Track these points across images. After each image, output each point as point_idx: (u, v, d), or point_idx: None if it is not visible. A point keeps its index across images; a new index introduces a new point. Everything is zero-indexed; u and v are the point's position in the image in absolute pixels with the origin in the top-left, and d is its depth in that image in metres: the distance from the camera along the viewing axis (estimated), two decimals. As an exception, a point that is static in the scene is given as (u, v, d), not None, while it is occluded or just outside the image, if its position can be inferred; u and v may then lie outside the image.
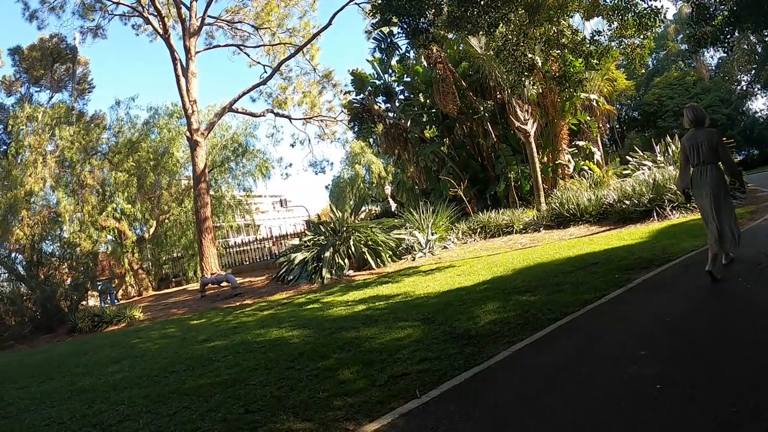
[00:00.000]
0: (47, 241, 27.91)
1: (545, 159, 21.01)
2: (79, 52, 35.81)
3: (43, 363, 12.31)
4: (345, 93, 30.38)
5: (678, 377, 4.17)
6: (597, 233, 14.24)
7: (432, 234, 17.79)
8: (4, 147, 33.06)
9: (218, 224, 32.10)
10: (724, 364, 4.28)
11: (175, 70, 25.36)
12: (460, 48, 22.46)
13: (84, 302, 23.17)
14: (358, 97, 26.95)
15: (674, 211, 14.12)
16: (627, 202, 15.12)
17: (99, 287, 26.59)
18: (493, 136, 22.07)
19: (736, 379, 3.93)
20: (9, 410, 7.56)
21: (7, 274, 25.30)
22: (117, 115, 33.67)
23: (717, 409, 3.47)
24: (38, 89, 37.06)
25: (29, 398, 8.12)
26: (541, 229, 16.91)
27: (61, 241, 27.54)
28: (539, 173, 18.54)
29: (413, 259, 16.88)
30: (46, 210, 28.52)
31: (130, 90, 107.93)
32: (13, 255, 26.71)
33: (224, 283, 20.65)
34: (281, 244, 30.24)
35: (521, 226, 17.54)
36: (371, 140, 29.77)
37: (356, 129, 28.42)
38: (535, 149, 18.59)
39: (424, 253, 17.13)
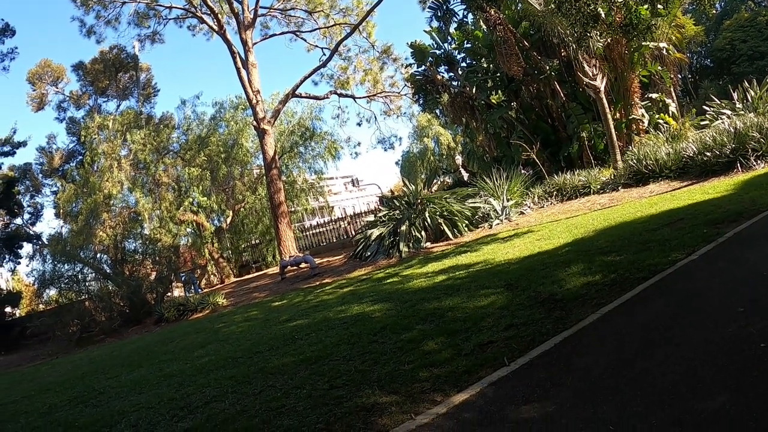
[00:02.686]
0: (129, 240, 28.90)
1: (617, 115, 20.27)
2: (140, 59, 36.99)
3: (132, 353, 12.83)
4: (406, 67, 30.11)
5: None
6: (678, 189, 13.60)
7: (507, 200, 17.49)
8: (80, 157, 34.52)
9: (292, 208, 32.50)
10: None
11: (235, 63, 25.67)
12: (518, 8, 21.86)
13: (169, 293, 24.07)
14: (419, 70, 26.63)
15: (759, 161, 13.28)
16: (708, 155, 14.32)
17: (182, 278, 27.46)
18: (562, 95, 21.48)
19: None
20: (100, 398, 7.91)
21: (94, 274, 26.47)
22: (184, 113, 34.44)
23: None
24: (105, 99, 38.74)
25: (119, 386, 8.49)
26: (620, 187, 16.33)
27: (142, 238, 28.47)
28: (613, 130, 17.90)
29: (490, 227, 16.66)
30: (126, 210, 29.45)
31: (193, 89, 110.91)
32: (98, 256, 27.91)
33: (303, 264, 20.95)
34: (356, 222, 30.49)
35: (598, 186, 17.00)
36: (437, 111, 29.48)
37: (421, 101, 28.17)
38: (606, 105, 17.95)
39: (501, 220, 16.88)
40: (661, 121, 20.42)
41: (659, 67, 21.08)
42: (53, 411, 7.97)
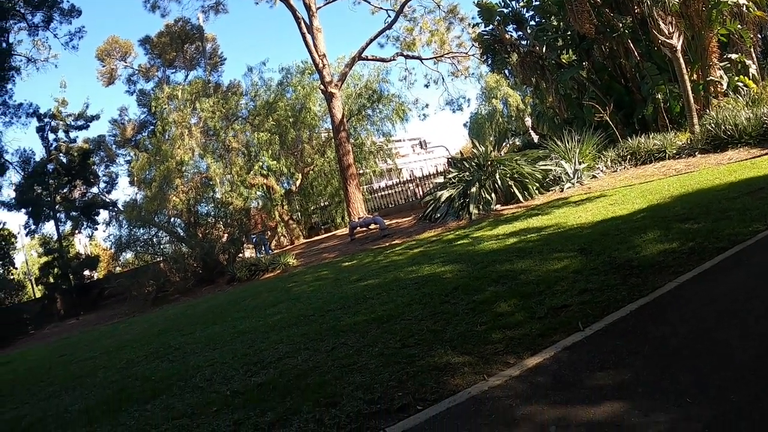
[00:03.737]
0: (202, 204, 29.80)
1: (694, 76, 19.41)
2: (205, 30, 37.80)
3: (206, 311, 13.26)
4: (473, 26, 29.58)
5: None
6: (759, 156, 12.94)
7: (579, 163, 17.15)
8: (151, 127, 35.61)
9: (361, 171, 32.69)
10: None
11: (300, 28, 25.74)
12: (590, -38, 21.15)
13: (240, 254, 24.73)
14: (486, 29, 26.09)
15: None
16: (791, 121, 13.71)
17: (253, 240, 28.08)
18: (636, 54, 20.74)
19: None
20: (176, 354, 8.24)
21: (168, 237, 27.48)
22: (251, 80, 35.13)
23: None
24: (173, 71, 40.10)
25: (194, 342, 8.82)
26: (696, 153, 15.71)
27: (214, 202, 29.28)
28: (690, 92, 17.21)
29: (561, 190, 16.42)
30: (198, 176, 30.26)
31: (259, 56, 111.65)
32: (172, 220, 29.03)
33: (372, 226, 21.12)
34: (424, 184, 30.47)
35: (674, 151, 16.42)
36: (506, 72, 28.92)
37: (489, 62, 27.69)
38: (683, 65, 17.24)
39: (573, 184, 16.60)
40: (740, 83, 19.49)
41: (738, 26, 20.08)
42: (130, 366, 8.36)
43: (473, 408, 3.81)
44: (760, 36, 26.81)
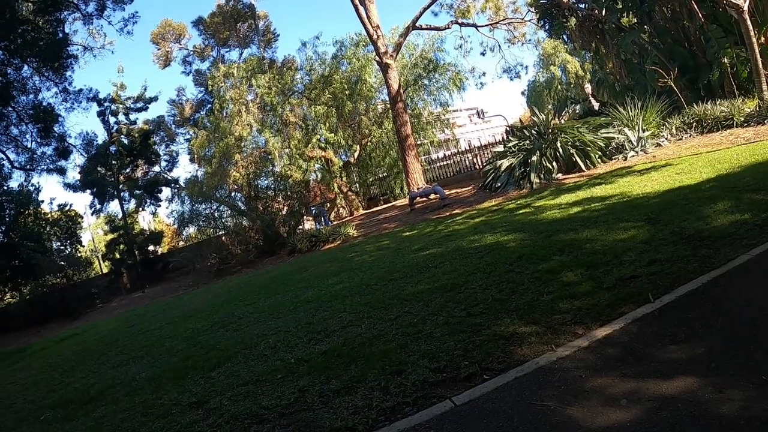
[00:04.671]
0: (261, 178, 30.49)
1: (762, 39, 18.57)
2: (257, 8, 38.60)
3: (268, 281, 13.53)
4: (529, -10, 29.09)
5: None
6: None
7: (642, 131, 16.71)
8: (209, 105, 36.42)
9: (419, 141, 32.55)
10: None
11: (352, 0, 25.62)
12: None
13: (300, 226, 25.17)
14: (544, -8, 25.68)
15: None
16: None
17: (313, 211, 28.45)
18: (700, 16, 19.97)
19: None
20: (240, 323, 8.49)
21: (229, 211, 28.13)
22: (305, 55, 35.09)
23: None
24: (227, 49, 40.79)
25: (257, 312, 9.05)
26: (766, 121, 15.08)
27: (273, 176, 29.86)
28: (758, 56, 16.49)
29: (625, 159, 16.06)
30: (257, 151, 30.72)
31: (312, 30, 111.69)
32: (232, 194, 29.74)
33: (432, 195, 21.08)
34: (482, 154, 30.29)
35: (742, 119, 15.76)
36: (564, 37, 28.41)
37: (546, 27, 27.25)
38: (750, 27, 16.50)
39: (636, 152, 16.21)
40: (813, 46, 18.64)
41: (813, -18, 19.15)
42: (196, 335, 8.64)
43: (541, 378, 3.84)
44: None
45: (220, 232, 27.20)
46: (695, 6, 19.86)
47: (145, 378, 6.72)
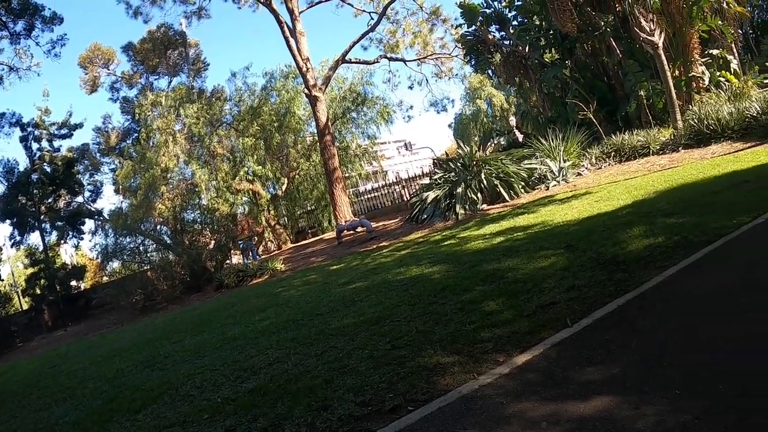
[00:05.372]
0: (188, 210, 29.87)
1: (677, 72, 19.56)
2: (188, 36, 38.03)
3: (195, 318, 13.27)
4: (456, 27, 29.72)
5: None
6: (741, 150, 13.08)
7: (564, 161, 17.25)
8: (136, 134, 35.63)
9: (347, 174, 32.68)
10: None
11: (283, 32, 25.78)
12: (572, -39, 21.28)
13: (228, 261, 24.77)
14: (469, 30, 26.18)
15: (829, 123, 12.76)
16: (773, 115, 13.83)
17: (240, 246, 28.08)
18: (618, 52, 20.87)
19: None
20: (165, 362, 8.24)
21: (155, 245, 27.44)
22: (235, 85, 35.05)
23: None
24: (156, 77, 40.02)
25: (183, 350, 8.82)
26: (680, 148, 15.85)
27: (200, 209, 29.34)
28: (672, 88, 17.35)
29: (547, 188, 16.51)
30: (183, 182, 30.19)
31: (243, 61, 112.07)
32: (158, 227, 29.08)
33: (359, 228, 21.14)
34: (410, 186, 30.51)
35: (658, 147, 16.54)
36: (489, 72, 29.04)
37: (473, 62, 27.81)
38: (665, 62, 17.38)
39: (558, 181, 16.69)
40: (722, 78, 19.65)
41: (719, 22, 20.27)
42: (120, 375, 8.34)
43: (464, 407, 3.83)
44: (740, 31, 27.05)
45: (145, 267, 26.43)
46: (614, 43, 20.75)
47: (68, 422, 6.44)
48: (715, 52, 20.34)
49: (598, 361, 3.97)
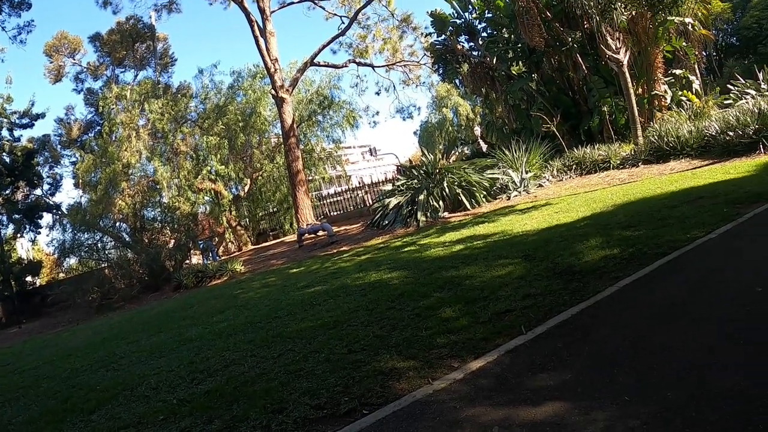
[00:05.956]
0: (148, 208, 29.37)
1: (640, 90, 20.01)
2: (157, 29, 37.12)
3: (152, 319, 13.05)
4: (426, 36, 29.88)
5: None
6: (699, 167, 13.48)
7: (526, 172, 17.48)
8: (98, 127, 34.85)
9: (310, 177, 32.57)
10: None
11: (253, 32, 25.58)
12: (543, -23, 21.62)
13: (187, 261, 24.39)
14: (439, 39, 26.44)
15: (784, 144, 13.15)
16: (730, 134, 14.12)
17: (200, 246, 27.71)
18: (584, 68, 21.24)
19: None
20: (121, 363, 8.07)
21: (113, 242, 26.93)
22: (202, 82, 34.63)
23: None
24: (122, 70, 38.97)
25: (139, 351, 8.66)
26: (640, 164, 16.23)
27: (161, 207, 28.87)
28: (635, 105, 17.72)
29: (508, 198, 16.70)
30: (145, 179, 29.66)
31: (211, 58, 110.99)
32: (117, 224, 28.51)
33: (320, 232, 21.08)
34: (373, 191, 30.55)
35: (618, 162, 16.91)
36: (457, 81, 29.31)
37: (440, 71, 28.05)
38: (629, 79, 17.76)
39: (519, 192, 16.90)
40: (683, 98, 20.16)
41: (684, 43, 20.75)
42: (75, 375, 8.13)
43: (418, 411, 3.85)
44: (704, 53, 27.73)
45: (103, 265, 25.96)
46: (580, 59, 21.08)
47: (21, 422, 6.26)
48: (678, 72, 20.89)
49: (551, 367, 4.02)
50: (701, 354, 3.69)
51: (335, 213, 31.12)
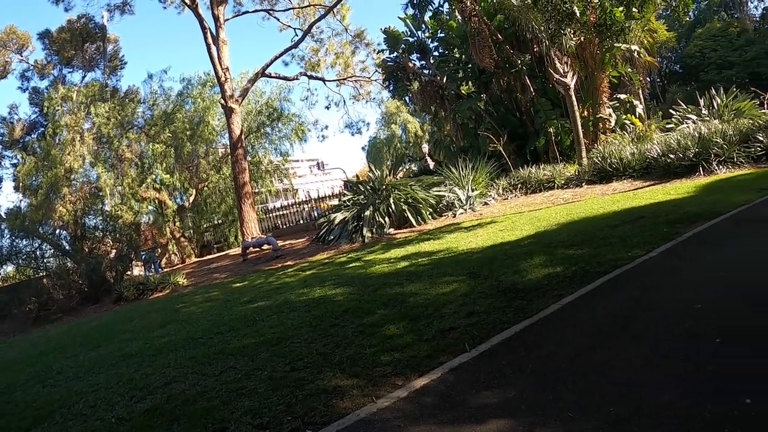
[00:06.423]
0: (90, 216, 28.45)
1: (585, 113, 20.54)
2: (108, 30, 36.14)
3: (91, 332, 12.63)
4: (378, 52, 30.01)
5: (738, 331, 4.08)
6: (641, 188, 13.96)
7: (472, 190, 17.64)
8: (42, 129, 33.69)
9: (257, 189, 32.23)
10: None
11: (206, 39, 25.23)
12: (495, 0, 21.98)
13: (129, 272, 23.67)
14: (391, 56, 26.61)
15: (721, 166, 13.73)
16: (671, 157, 14.72)
17: (143, 257, 27.07)
18: (532, 90, 21.65)
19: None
20: (58, 378, 7.78)
21: (53, 250, 26.05)
22: (151, 88, 33.81)
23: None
24: (71, 70, 37.58)
25: (78, 366, 8.37)
26: (583, 184, 16.65)
27: (103, 215, 28.03)
28: (580, 127, 18.18)
29: (454, 216, 16.79)
30: (87, 186, 28.76)
31: (161, 63, 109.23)
32: (57, 232, 27.55)
33: (265, 246, 20.85)
34: (319, 206, 30.37)
35: (563, 181, 17.31)
36: (407, 99, 29.52)
37: (391, 88, 28.18)
38: (575, 102, 18.20)
39: (465, 210, 17.01)
40: (627, 121, 20.80)
41: (629, 69, 21.44)
42: (9, 391, 7.82)
43: (362, 430, 3.80)
44: (648, 79, 28.66)
45: (42, 274, 25.05)
46: (528, 81, 21.51)
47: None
48: (623, 96, 21.54)
49: (495, 385, 4.01)
50: (641, 371, 3.73)
51: (282, 227, 30.82)
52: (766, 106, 18.80)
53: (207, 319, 9.84)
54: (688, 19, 43.00)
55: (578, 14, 14.47)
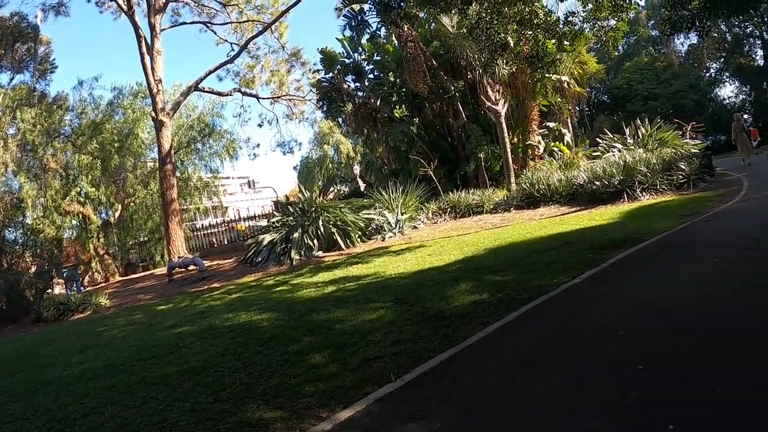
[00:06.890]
0: (9, 229, 27.10)
1: (515, 140, 21.01)
2: (41, 31, 34.64)
3: (8, 355, 12.07)
4: (314, 72, 30.04)
5: (660, 357, 4.12)
6: (567, 213, 14.33)
7: (402, 214, 17.72)
8: (-38, 132, 32.18)
9: (185, 207, 31.61)
10: (706, 343, 4.21)
11: (140, 48, 24.67)
12: (432, 27, 22.29)
13: (49, 290, 22.65)
14: (327, 76, 26.61)
15: (645, 193, 14.23)
16: (597, 183, 15.19)
17: (64, 274, 26.02)
18: (464, 116, 21.97)
19: (718, 358, 3.86)
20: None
21: (-32, 264, 24.70)
22: (80, 95, 32.65)
23: (702, 387, 3.44)
24: None
25: (-7, 393, 7.88)
26: (512, 209, 16.94)
27: (24, 228, 26.77)
28: (509, 153, 18.54)
29: (383, 239, 16.80)
30: (8, 196, 27.53)
31: (93, 70, 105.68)
32: (-27, 244, 26.11)
33: (192, 267, 20.37)
34: (250, 225, 29.94)
35: (491, 206, 17.56)
36: (340, 120, 29.49)
37: (325, 108, 28.12)
38: (505, 129, 18.56)
39: (394, 233, 17.04)
40: (556, 149, 21.33)
41: (559, 99, 22.00)
42: None
43: (285, 465, 3.65)
44: (577, 108, 29.48)
45: (-45, 289, 23.82)
46: (460, 107, 21.81)
47: None
48: (552, 124, 22.10)
49: (420, 416, 3.93)
50: (566, 397, 3.72)
51: (210, 246, 30.21)
52: (688, 136, 19.57)
53: (129, 344, 9.46)
54: (617, 53, 44.65)
55: (512, 45, 14.73)
